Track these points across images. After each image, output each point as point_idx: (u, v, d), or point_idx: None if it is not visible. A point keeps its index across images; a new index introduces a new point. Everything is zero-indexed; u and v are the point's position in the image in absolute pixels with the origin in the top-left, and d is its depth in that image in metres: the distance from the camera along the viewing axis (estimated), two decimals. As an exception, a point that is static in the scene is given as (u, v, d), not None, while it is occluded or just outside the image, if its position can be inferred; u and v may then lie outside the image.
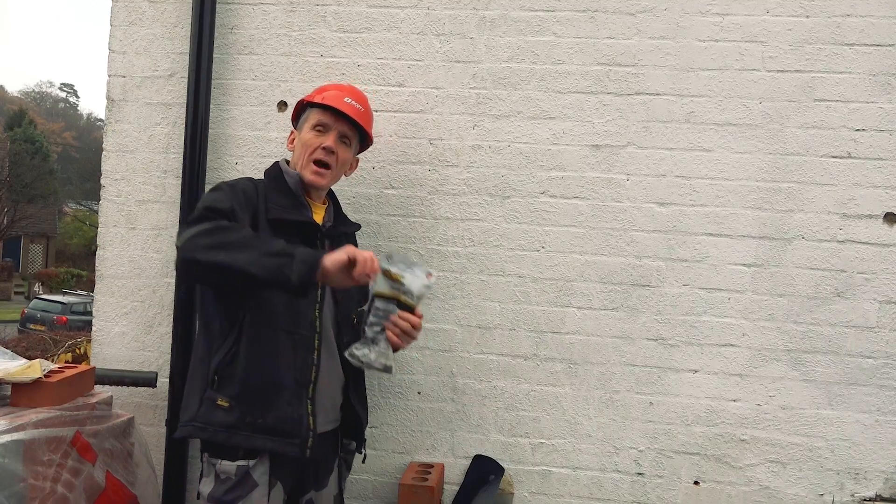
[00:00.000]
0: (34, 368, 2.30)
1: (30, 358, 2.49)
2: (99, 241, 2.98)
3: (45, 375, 2.30)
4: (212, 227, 1.94)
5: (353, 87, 2.43)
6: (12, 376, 2.25)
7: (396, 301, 1.98)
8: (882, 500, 2.61)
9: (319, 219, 2.28)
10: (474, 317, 2.81)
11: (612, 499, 2.73)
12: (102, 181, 2.97)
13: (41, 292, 25.34)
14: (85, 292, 21.63)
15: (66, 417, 2.26)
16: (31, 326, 16.77)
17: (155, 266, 2.93)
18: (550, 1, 2.80)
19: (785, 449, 2.67)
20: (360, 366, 1.99)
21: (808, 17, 2.70)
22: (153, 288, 2.92)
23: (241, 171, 2.86)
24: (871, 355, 2.65)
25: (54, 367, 2.43)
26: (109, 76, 2.98)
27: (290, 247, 1.92)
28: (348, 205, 2.75)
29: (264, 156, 2.87)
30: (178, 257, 1.99)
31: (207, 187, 2.84)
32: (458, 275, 2.81)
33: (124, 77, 2.96)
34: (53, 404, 2.26)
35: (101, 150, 2.99)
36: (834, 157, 2.68)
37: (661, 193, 2.74)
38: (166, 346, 2.85)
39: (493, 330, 2.80)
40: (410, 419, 2.82)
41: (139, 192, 2.95)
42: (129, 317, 2.94)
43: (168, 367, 2.82)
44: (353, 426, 2.31)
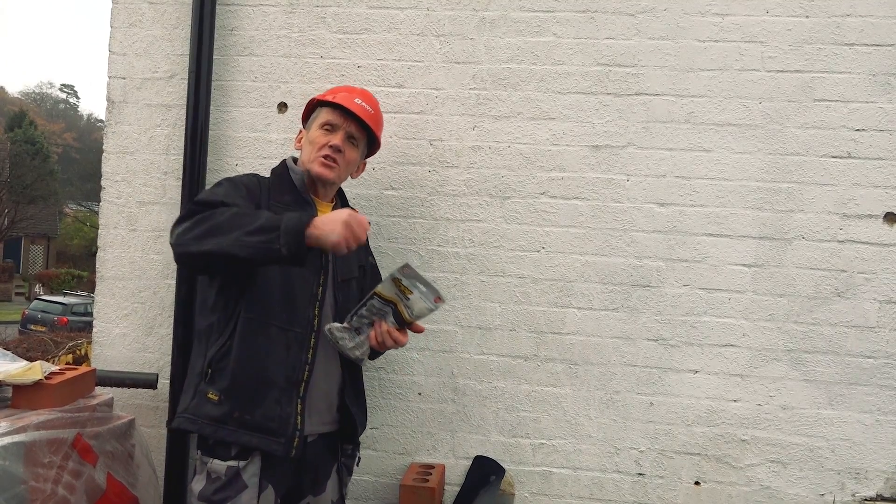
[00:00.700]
0: (35, 370, 2.30)
1: (30, 359, 2.49)
2: (99, 242, 2.99)
3: (45, 377, 2.30)
4: (199, 217, 1.96)
5: (365, 90, 2.45)
6: (13, 378, 2.25)
7: (394, 307, 1.99)
8: (883, 499, 2.61)
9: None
10: (475, 317, 2.81)
11: (613, 499, 2.73)
12: (103, 182, 2.97)
13: (42, 293, 25.35)
14: (85, 293, 21.67)
15: (66, 419, 2.26)
16: (32, 327, 16.78)
17: (155, 267, 2.93)
18: (550, 2, 2.80)
19: (786, 449, 2.67)
20: (334, 344, 2.03)
21: (807, 17, 2.70)
22: (154, 289, 2.93)
23: (241, 173, 2.85)
24: (871, 355, 2.65)
25: (55, 368, 2.43)
26: (110, 77, 2.98)
27: (275, 218, 1.90)
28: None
29: (264, 157, 2.87)
30: (173, 254, 2.02)
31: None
32: (459, 276, 2.81)
33: (124, 78, 2.96)
34: (54, 406, 2.26)
35: (101, 151, 2.99)
36: (834, 157, 2.68)
37: (661, 194, 2.74)
38: (167, 348, 2.86)
39: (494, 331, 2.80)
40: (411, 420, 2.83)
41: (139, 193, 2.95)
42: (130, 318, 2.94)
43: (169, 368, 2.82)
44: (349, 430, 2.28)
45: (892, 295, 2.65)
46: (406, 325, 2.06)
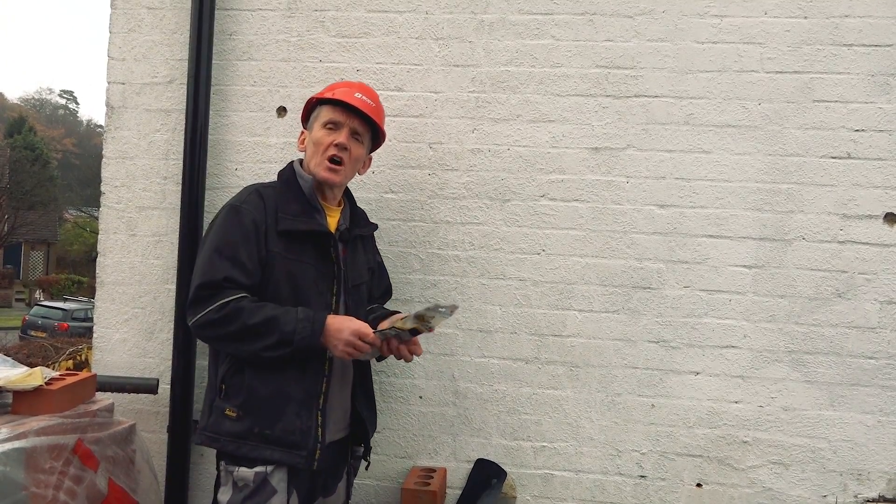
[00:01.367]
0: (35, 376, 2.29)
1: (31, 365, 2.49)
2: (99, 247, 2.98)
3: (46, 383, 2.30)
4: (213, 318, 1.98)
5: (362, 83, 2.40)
6: (14, 384, 2.24)
7: (414, 331, 2.09)
8: (885, 500, 2.61)
9: (334, 222, 2.23)
10: (475, 320, 2.80)
11: (615, 502, 2.73)
12: (102, 188, 2.97)
13: (42, 299, 25.33)
14: (86, 299, 21.65)
15: (67, 425, 2.26)
16: (33, 333, 16.79)
17: (155, 272, 2.92)
18: (549, 4, 2.80)
19: (787, 450, 2.67)
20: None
21: (806, 18, 2.70)
22: (154, 294, 2.92)
23: (241, 177, 2.87)
24: (872, 356, 2.64)
25: (55, 374, 2.43)
26: (109, 83, 2.98)
27: (290, 333, 1.97)
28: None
29: (264, 161, 2.87)
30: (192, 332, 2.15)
31: (208, 194, 2.85)
32: (459, 278, 2.81)
33: (124, 84, 2.97)
34: (55, 412, 2.26)
35: (101, 156, 3.00)
36: (833, 158, 2.68)
37: (661, 195, 2.74)
38: (167, 353, 2.85)
39: (494, 333, 2.80)
40: (412, 423, 2.82)
41: (139, 198, 2.95)
42: (130, 323, 2.94)
43: (169, 373, 2.81)
44: (360, 432, 2.29)
45: (893, 295, 2.64)
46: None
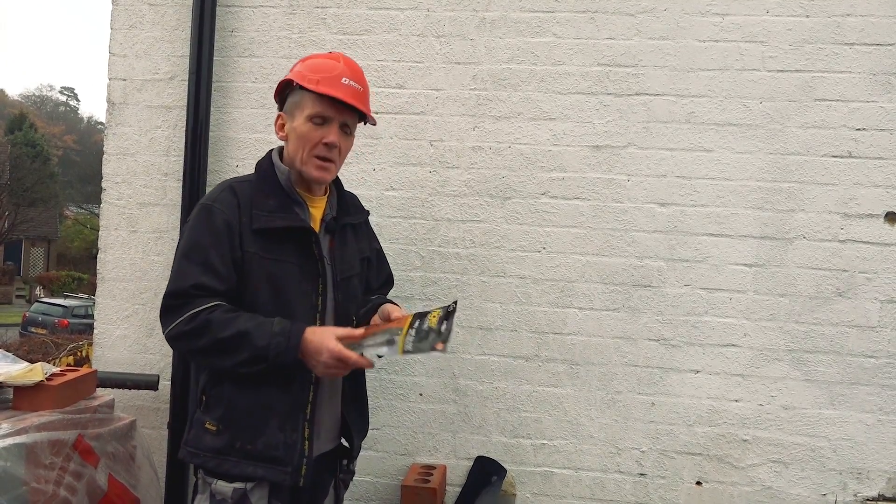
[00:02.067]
0: (36, 372, 2.30)
1: (32, 361, 2.49)
2: (100, 244, 2.99)
3: (46, 379, 2.30)
4: (183, 329, 1.82)
5: (346, 58, 2.01)
6: (14, 380, 2.25)
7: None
8: (885, 499, 2.61)
9: (319, 212, 2.03)
10: (475, 318, 2.80)
11: (615, 499, 2.73)
12: (103, 184, 2.97)
13: (42, 296, 25.33)
14: (86, 295, 21.65)
15: (68, 421, 2.26)
16: (33, 330, 16.79)
17: (156, 269, 2.93)
18: (550, 2, 2.80)
19: (787, 449, 2.67)
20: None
21: (808, 16, 2.70)
22: (154, 290, 2.92)
23: (242, 174, 2.85)
24: (872, 355, 2.64)
25: (56, 370, 2.43)
26: (110, 79, 2.98)
27: (263, 349, 1.79)
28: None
29: (265, 158, 2.87)
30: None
31: (208, 190, 2.84)
32: (460, 276, 2.81)
33: (125, 80, 2.97)
34: (55, 407, 2.26)
35: (101, 153, 3.00)
36: (835, 157, 2.68)
37: (661, 194, 2.74)
38: (168, 349, 2.85)
39: (495, 331, 2.80)
40: (412, 421, 2.82)
41: (140, 195, 2.95)
42: (131, 320, 2.94)
43: (170, 369, 2.82)
44: (348, 441, 2.10)
45: (894, 294, 2.64)
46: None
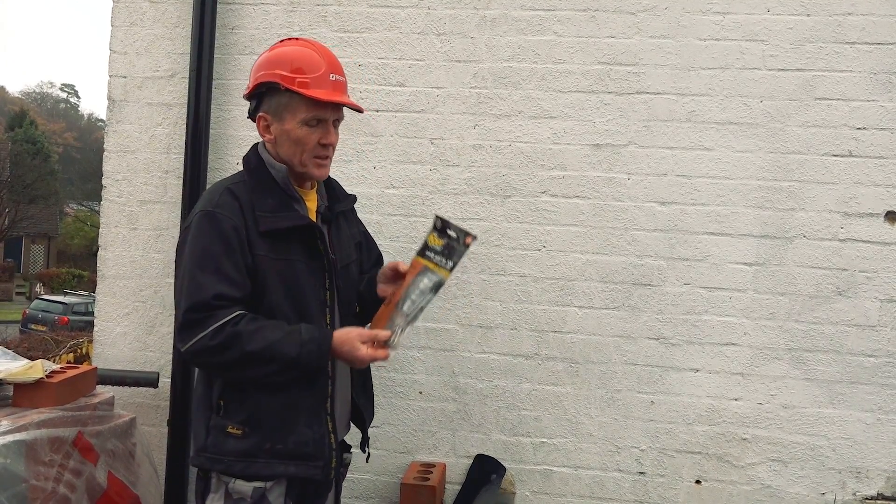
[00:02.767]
0: (36, 369, 2.30)
1: (32, 358, 2.49)
2: (100, 241, 2.99)
3: (46, 376, 2.31)
4: (209, 344, 1.80)
5: (320, 47, 1.97)
6: (14, 377, 2.25)
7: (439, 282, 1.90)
8: (884, 498, 2.61)
9: (313, 204, 2.05)
10: (476, 316, 2.81)
11: (614, 498, 2.73)
12: (104, 182, 2.97)
13: (42, 293, 25.33)
14: (86, 293, 21.64)
15: (67, 418, 2.27)
16: (33, 327, 16.78)
17: (156, 266, 2.93)
18: (551, 0, 2.80)
19: (787, 448, 2.67)
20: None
21: (808, 15, 2.69)
22: (155, 288, 2.93)
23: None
24: (872, 354, 2.65)
25: (56, 367, 2.44)
26: (110, 77, 2.98)
27: (292, 361, 1.82)
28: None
29: (265, 156, 2.87)
30: (184, 358, 1.96)
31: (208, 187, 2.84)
32: (460, 274, 2.81)
33: (125, 77, 2.96)
34: (55, 405, 2.26)
35: (102, 150, 3.00)
36: (835, 156, 2.68)
37: (662, 192, 2.74)
38: (168, 347, 2.86)
39: (495, 329, 2.80)
40: (412, 419, 2.83)
41: (140, 192, 2.95)
42: (131, 317, 2.94)
43: (170, 367, 2.82)
44: (357, 423, 2.15)
45: (893, 293, 2.64)
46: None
